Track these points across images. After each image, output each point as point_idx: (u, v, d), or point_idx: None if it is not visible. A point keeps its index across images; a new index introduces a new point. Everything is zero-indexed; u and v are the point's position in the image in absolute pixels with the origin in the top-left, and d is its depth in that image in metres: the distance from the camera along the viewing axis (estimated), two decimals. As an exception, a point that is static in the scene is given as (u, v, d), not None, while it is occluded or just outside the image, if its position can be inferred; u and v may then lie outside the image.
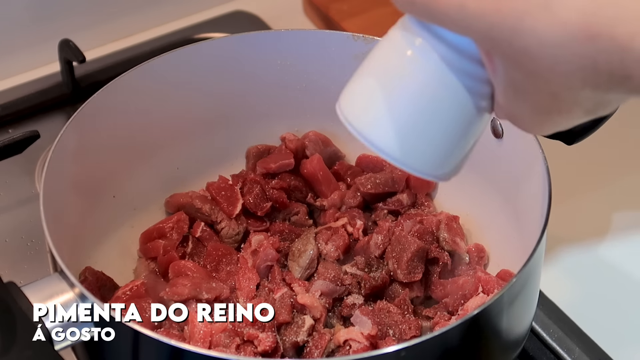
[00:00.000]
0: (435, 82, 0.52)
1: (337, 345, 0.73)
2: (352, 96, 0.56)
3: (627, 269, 0.89)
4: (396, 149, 0.54)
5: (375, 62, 0.55)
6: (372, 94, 0.54)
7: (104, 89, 0.78)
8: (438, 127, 0.53)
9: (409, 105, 0.53)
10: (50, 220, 0.66)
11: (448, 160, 0.56)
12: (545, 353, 0.80)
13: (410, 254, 0.78)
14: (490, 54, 0.49)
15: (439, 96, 0.52)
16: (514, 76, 0.49)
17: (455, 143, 0.55)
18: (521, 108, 0.51)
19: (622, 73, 0.43)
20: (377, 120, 0.54)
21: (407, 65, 0.52)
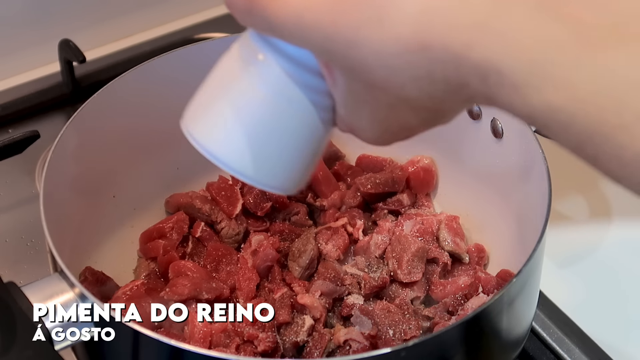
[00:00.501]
0: (277, 96, 0.52)
1: (337, 345, 0.73)
2: (195, 112, 0.56)
3: (627, 269, 0.89)
4: (240, 163, 0.54)
5: (219, 78, 0.55)
6: (216, 110, 0.54)
7: (104, 89, 0.78)
8: (282, 140, 0.54)
9: (251, 119, 0.53)
10: (50, 220, 0.66)
11: (292, 172, 0.56)
12: (545, 353, 0.80)
13: (410, 254, 0.78)
14: (330, 66, 0.49)
15: (281, 110, 0.53)
16: (353, 88, 0.49)
17: (298, 156, 0.55)
18: (361, 119, 0.51)
19: (458, 81, 0.43)
20: (221, 136, 0.54)
21: (249, 81, 0.52)
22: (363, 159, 0.90)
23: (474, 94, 0.44)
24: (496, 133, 0.79)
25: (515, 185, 0.78)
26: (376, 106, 0.49)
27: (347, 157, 0.91)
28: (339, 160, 0.90)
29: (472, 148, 0.83)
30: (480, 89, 0.43)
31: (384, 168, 0.88)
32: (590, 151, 0.42)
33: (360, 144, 0.89)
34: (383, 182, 0.85)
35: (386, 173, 0.86)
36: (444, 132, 0.84)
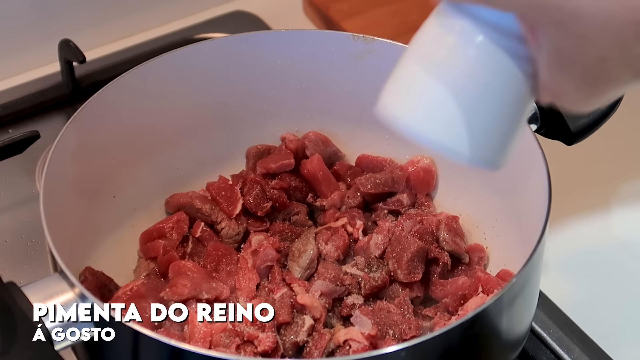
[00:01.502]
0: (482, 65, 0.51)
1: (337, 345, 0.73)
2: (398, 94, 0.54)
3: (627, 269, 0.89)
4: (454, 141, 0.52)
5: (416, 55, 0.53)
6: (421, 88, 0.52)
7: (104, 89, 0.78)
8: (489, 112, 0.52)
9: (459, 93, 0.51)
10: (50, 220, 0.66)
11: (501, 146, 0.54)
12: (545, 353, 0.80)
13: (410, 254, 0.78)
14: (535, 26, 0.48)
15: (486, 79, 0.51)
16: (561, 45, 0.47)
17: (507, 127, 0.53)
18: (567, 82, 0.49)
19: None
20: (430, 114, 0.52)
21: (450, 54, 0.51)
22: (363, 159, 0.89)
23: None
24: (496, 133, 0.79)
25: (515, 185, 0.78)
26: (586, 63, 0.47)
27: (347, 157, 0.91)
28: (339, 160, 0.90)
29: (472, 148, 0.83)
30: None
31: (384, 168, 0.88)
32: None
33: (360, 143, 0.90)
34: (383, 182, 0.85)
35: (386, 173, 0.86)
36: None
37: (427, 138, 0.52)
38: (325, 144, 0.89)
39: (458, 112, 0.51)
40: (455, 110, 0.51)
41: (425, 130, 0.52)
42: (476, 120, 0.52)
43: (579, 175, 0.97)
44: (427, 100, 0.52)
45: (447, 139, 0.52)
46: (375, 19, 1.15)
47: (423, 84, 0.52)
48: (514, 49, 0.50)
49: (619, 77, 0.48)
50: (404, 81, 0.53)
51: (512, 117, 0.53)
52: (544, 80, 0.50)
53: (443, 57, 0.52)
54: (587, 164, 0.98)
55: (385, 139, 0.89)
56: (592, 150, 0.91)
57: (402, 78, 0.54)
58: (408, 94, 0.53)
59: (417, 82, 0.52)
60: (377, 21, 1.14)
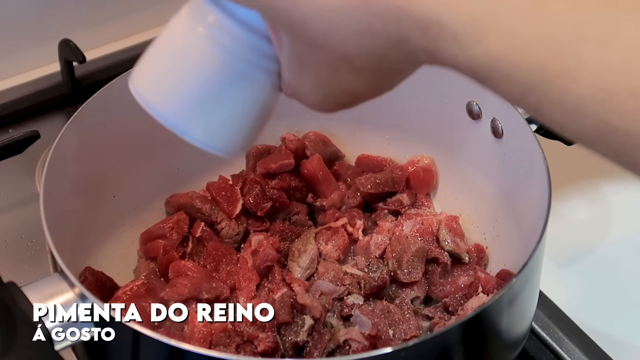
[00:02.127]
0: (225, 58, 0.53)
1: (337, 345, 0.73)
2: (143, 70, 0.57)
3: (627, 269, 0.89)
4: (186, 123, 0.55)
5: (168, 37, 0.56)
6: (163, 69, 0.55)
7: (104, 89, 0.78)
8: (227, 103, 0.54)
9: (198, 80, 0.54)
10: (50, 220, 0.66)
11: (236, 134, 0.57)
12: (545, 353, 0.80)
13: (410, 254, 0.78)
14: (276, 28, 0.50)
15: (227, 72, 0.53)
16: (296, 49, 0.49)
17: (243, 118, 0.56)
18: (305, 83, 0.51)
19: (399, 35, 0.43)
20: (167, 95, 0.55)
21: (197, 41, 0.53)
22: (363, 159, 0.90)
23: (415, 49, 0.43)
24: (496, 133, 0.79)
25: (515, 185, 0.78)
26: (318, 68, 0.49)
27: (347, 157, 0.91)
28: (339, 160, 0.90)
29: (472, 148, 0.83)
30: (422, 42, 0.43)
31: (384, 168, 0.88)
32: (534, 100, 0.41)
33: (360, 143, 0.90)
34: (383, 182, 0.85)
35: (386, 173, 0.86)
36: (444, 132, 0.85)
37: (162, 118, 0.55)
38: (325, 144, 0.89)
39: (198, 101, 0.54)
40: (196, 98, 0.54)
41: (160, 110, 0.55)
42: (212, 108, 0.54)
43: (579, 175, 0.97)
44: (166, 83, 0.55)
45: (181, 122, 0.55)
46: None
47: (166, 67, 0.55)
48: (259, 46, 0.52)
49: (350, 86, 0.49)
50: (152, 64, 0.56)
51: (252, 109, 0.56)
52: (285, 78, 0.53)
53: (189, 45, 0.54)
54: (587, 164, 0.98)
55: (385, 139, 0.89)
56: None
57: (151, 60, 0.57)
58: (152, 74, 0.56)
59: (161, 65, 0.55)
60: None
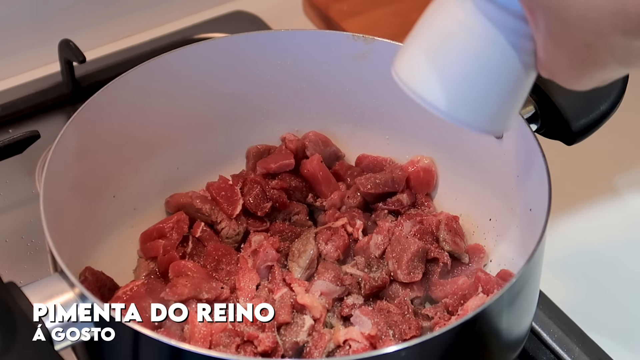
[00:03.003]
0: (486, 41, 0.55)
1: (337, 345, 0.73)
2: (407, 60, 0.59)
3: (627, 269, 0.89)
4: (451, 106, 0.57)
5: (427, 26, 0.58)
6: (427, 57, 0.57)
7: (104, 89, 0.78)
8: (490, 84, 0.57)
9: (462, 64, 0.56)
10: (50, 220, 0.66)
11: (500, 115, 0.59)
12: (545, 353, 0.80)
13: (410, 254, 0.78)
14: (532, 8, 0.51)
15: (489, 54, 0.55)
16: (552, 28, 0.51)
17: (505, 99, 0.58)
18: (559, 61, 0.53)
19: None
20: (432, 81, 0.57)
21: (458, 27, 0.56)
22: (363, 159, 0.89)
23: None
24: (496, 133, 0.79)
25: (515, 185, 0.78)
26: (574, 46, 0.50)
27: (347, 157, 0.91)
28: (339, 160, 0.90)
29: (472, 148, 0.83)
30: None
31: (384, 168, 0.88)
32: None
33: (360, 143, 0.90)
34: (383, 182, 0.85)
35: (386, 173, 0.86)
36: (444, 132, 0.85)
37: (427, 102, 0.57)
38: (325, 144, 0.89)
39: (465, 83, 0.57)
40: (463, 81, 0.56)
41: (424, 94, 0.57)
42: (473, 89, 0.57)
43: (579, 175, 0.97)
44: (436, 71, 0.57)
45: (445, 104, 0.57)
46: (375, 19, 1.15)
47: (433, 54, 0.57)
48: (516, 27, 0.54)
49: (604, 62, 0.51)
50: (415, 51, 0.58)
51: (512, 88, 0.58)
52: (540, 58, 0.54)
53: (452, 32, 0.56)
54: (587, 164, 0.98)
55: (385, 139, 0.89)
56: (592, 150, 0.91)
57: (413, 48, 0.58)
58: (417, 63, 0.58)
59: (427, 53, 0.57)
60: (377, 21, 1.14)
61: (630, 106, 0.84)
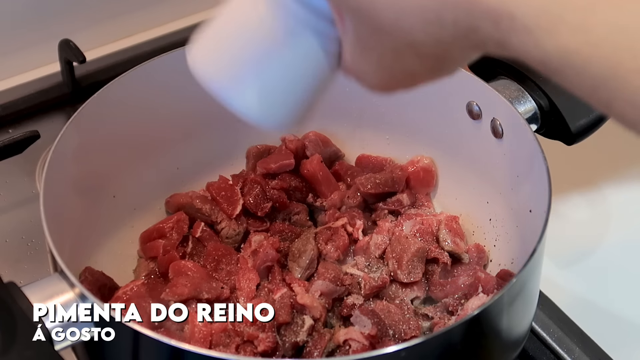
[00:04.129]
0: (288, 38, 0.53)
1: (337, 345, 0.73)
2: (204, 48, 0.57)
3: (627, 269, 0.89)
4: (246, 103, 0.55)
5: (230, 17, 0.56)
6: (224, 46, 0.55)
7: (104, 89, 0.78)
8: (286, 81, 0.55)
9: (260, 59, 0.54)
10: (50, 220, 0.66)
11: (292, 112, 0.57)
12: (545, 353, 0.80)
13: (410, 255, 0.78)
14: (341, 11, 0.50)
15: (290, 52, 0.54)
16: (361, 33, 0.50)
17: (302, 98, 0.57)
18: (366, 66, 0.51)
19: (468, 25, 0.43)
20: (225, 72, 0.55)
21: (262, 22, 0.54)
22: (363, 159, 0.89)
23: (484, 40, 0.44)
24: (496, 133, 0.79)
25: (515, 185, 0.78)
26: (382, 52, 0.49)
27: (347, 157, 0.91)
28: (339, 160, 0.90)
29: (472, 148, 0.83)
30: (492, 33, 0.43)
31: (384, 168, 0.88)
32: (604, 96, 0.41)
33: (360, 143, 0.90)
34: (383, 182, 0.85)
35: (386, 173, 0.86)
36: (444, 132, 0.85)
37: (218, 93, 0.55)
38: (325, 144, 0.89)
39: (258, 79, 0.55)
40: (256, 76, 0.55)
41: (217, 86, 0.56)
42: (271, 86, 0.55)
43: (579, 175, 0.97)
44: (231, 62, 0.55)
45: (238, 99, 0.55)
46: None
47: (230, 46, 0.55)
48: (322, 28, 0.53)
49: (412, 70, 0.50)
50: (214, 38, 0.56)
51: (309, 88, 0.56)
52: (346, 61, 0.53)
53: (253, 23, 0.54)
54: (587, 164, 0.98)
55: (385, 139, 0.89)
56: (592, 150, 0.91)
57: (212, 35, 0.57)
58: (214, 53, 0.56)
59: (223, 43, 0.56)
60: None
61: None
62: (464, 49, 0.47)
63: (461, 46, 0.46)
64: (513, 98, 0.80)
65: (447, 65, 0.50)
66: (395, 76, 0.51)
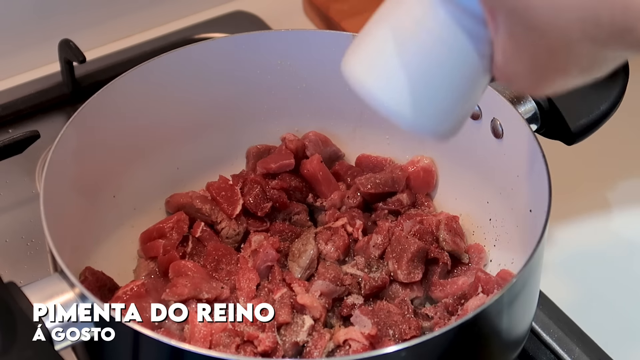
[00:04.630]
0: (443, 41, 0.53)
1: (337, 345, 0.73)
2: (359, 56, 0.57)
3: (627, 269, 0.89)
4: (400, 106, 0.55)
5: (383, 22, 0.56)
6: (381, 54, 0.55)
7: (104, 89, 0.78)
8: (443, 85, 0.54)
9: (417, 64, 0.54)
10: (50, 220, 0.66)
11: (449, 119, 0.57)
12: (545, 353, 0.80)
13: (410, 255, 0.78)
14: (494, 11, 0.50)
15: (445, 55, 0.53)
16: (514, 32, 0.49)
17: (458, 102, 0.56)
18: (519, 66, 0.51)
19: (624, 26, 0.43)
20: (384, 79, 0.55)
21: (416, 26, 0.53)
22: (363, 159, 0.89)
23: (639, 40, 0.43)
24: (496, 133, 0.79)
25: (515, 185, 0.78)
26: (536, 51, 0.49)
27: (347, 157, 0.91)
28: (339, 160, 0.90)
29: (472, 148, 0.83)
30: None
31: (384, 168, 0.88)
32: None
33: (360, 143, 0.90)
34: (383, 182, 0.85)
35: (386, 173, 0.86)
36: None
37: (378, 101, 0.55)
38: (325, 144, 0.89)
39: (414, 83, 0.54)
40: (412, 80, 0.54)
41: (376, 94, 0.55)
42: (426, 91, 0.54)
43: (579, 175, 0.97)
44: (387, 67, 0.54)
45: (395, 105, 0.54)
46: (375, 19, 1.14)
47: (386, 51, 0.54)
48: (475, 29, 0.52)
49: (566, 70, 0.49)
50: (369, 45, 0.56)
51: (464, 92, 0.56)
52: (498, 63, 0.52)
53: (409, 28, 0.54)
54: (587, 164, 0.98)
55: (385, 139, 0.89)
56: (592, 150, 0.91)
57: (367, 41, 0.56)
58: (370, 58, 0.55)
59: (380, 48, 0.55)
60: (377, 21, 1.14)
61: (630, 106, 0.83)
62: (619, 49, 0.46)
63: (616, 46, 0.46)
64: (513, 98, 0.80)
65: (600, 66, 0.49)
66: (548, 77, 0.50)
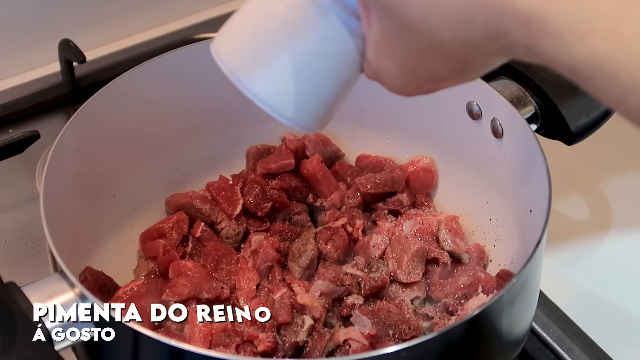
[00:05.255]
0: (315, 31, 0.52)
1: (337, 345, 0.73)
2: (230, 39, 0.56)
3: (627, 270, 0.89)
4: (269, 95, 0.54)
5: (255, 7, 0.55)
6: (250, 39, 0.54)
7: (104, 89, 0.78)
8: (311, 77, 0.54)
9: (283, 52, 0.53)
10: (50, 220, 0.66)
11: (315, 110, 0.56)
12: (545, 353, 0.80)
13: (410, 255, 0.78)
14: (367, 6, 0.49)
15: (317, 46, 0.53)
16: (387, 30, 0.49)
17: (326, 95, 0.56)
18: (389, 64, 0.51)
19: (498, 28, 0.43)
20: (252, 66, 0.54)
21: (287, 14, 0.53)
22: (363, 159, 0.89)
23: (513, 43, 0.43)
24: (496, 133, 0.79)
25: (515, 185, 0.78)
26: (406, 51, 0.48)
27: (347, 157, 0.91)
28: (339, 160, 0.90)
29: (472, 148, 0.83)
30: (522, 37, 0.42)
31: (384, 168, 0.88)
32: (635, 103, 0.41)
33: (360, 143, 0.90)
34: (383, 182, 0.85)
35: (386, 173, 0.86)
36: (444, 132, 0.85)
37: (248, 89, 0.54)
38: (325, 143, 0.89)
39: (285, 73, 0.53)
40: (283, 70, 0.53)
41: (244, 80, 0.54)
42: (296, 81, 0.54)
43: (579, 175, 0.97)
44: (257, 57, 0.54)
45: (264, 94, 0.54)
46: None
47: (256, 39, 0.54)
48: (348, 23, 0.52)
49: (436, 72, 0.49)
50: (239, 31, 0.56)
51: (337, 86, 0.55)
52: (369, 59, 0.52)
53: (280, 17, 0.53)
54: (587, 164, 0.98)
55: (385, 139, 0.89)
56: (592, 150, 0.91)
57: (238, 27, 0.56)
58: (238, 45, 0.55)
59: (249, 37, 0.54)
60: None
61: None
62: (491, 53, 0.46)
63: (488, 50, 0.45)
64: (513, 98, 0.80)
65: (471, 69, 0.49)
66: (418, 78, 0.50)
